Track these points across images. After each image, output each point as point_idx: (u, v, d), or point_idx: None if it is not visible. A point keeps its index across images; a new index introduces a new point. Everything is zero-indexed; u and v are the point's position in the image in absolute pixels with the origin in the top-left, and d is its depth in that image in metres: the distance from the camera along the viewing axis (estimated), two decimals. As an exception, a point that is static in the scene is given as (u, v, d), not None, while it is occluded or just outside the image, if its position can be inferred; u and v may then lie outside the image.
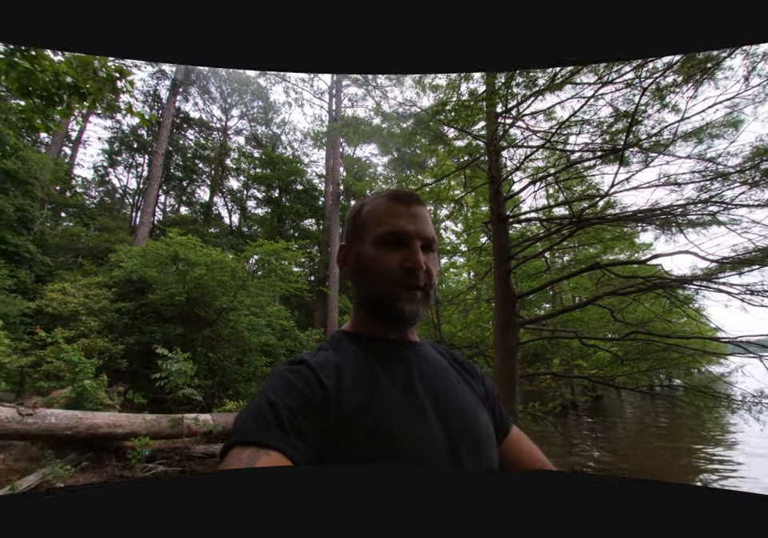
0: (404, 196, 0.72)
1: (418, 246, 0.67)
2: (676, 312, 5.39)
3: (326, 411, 0.56)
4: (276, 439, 0.51)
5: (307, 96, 29.51)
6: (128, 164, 21.99)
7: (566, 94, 4.77)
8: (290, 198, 20.83)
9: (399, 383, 0.64)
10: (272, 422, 0.53)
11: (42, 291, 9.16)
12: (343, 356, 0.66)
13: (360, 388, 0.61)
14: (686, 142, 4.63)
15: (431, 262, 0.69)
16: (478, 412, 0.71)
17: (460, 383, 0.74)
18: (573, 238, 6.74)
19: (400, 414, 0.60)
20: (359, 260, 0.71)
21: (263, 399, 0.56)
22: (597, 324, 6.87)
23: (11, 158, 10.69)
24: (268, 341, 10.59)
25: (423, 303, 0.68)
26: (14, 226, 10.54)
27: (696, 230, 4.82)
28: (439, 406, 0.65)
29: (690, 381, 5.64)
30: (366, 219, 0.72)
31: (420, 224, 0.69)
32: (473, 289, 8.18)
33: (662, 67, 3.83)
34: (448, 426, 0.63)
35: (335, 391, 0.59)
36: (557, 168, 5.17)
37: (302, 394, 0.57)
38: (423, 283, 0.67)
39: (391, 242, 0.67)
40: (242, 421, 0.55)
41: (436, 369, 0.72)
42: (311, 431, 0.54)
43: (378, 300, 0.68)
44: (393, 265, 0.66)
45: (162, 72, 21.33)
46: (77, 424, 4.57)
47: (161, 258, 9.65)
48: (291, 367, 0.63)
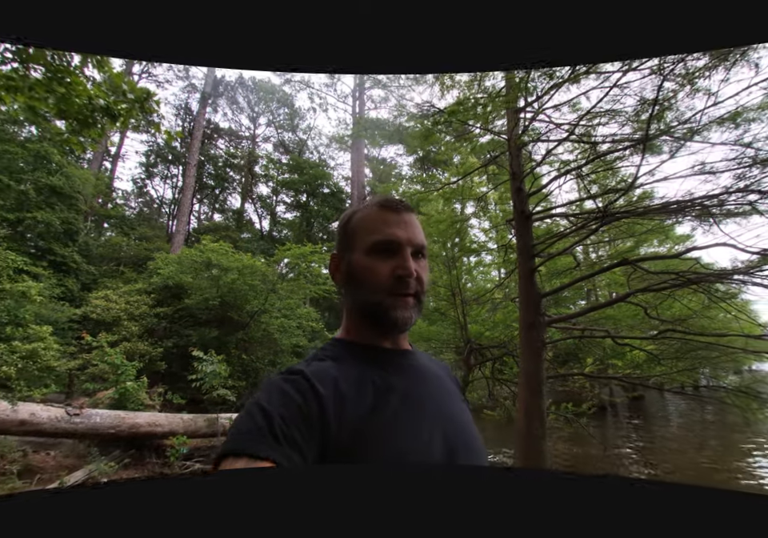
0: (394, 204, 0.72)
1: (408, 253, 0.68)
2: (718, 308, 5.11)
3: (323, 422, 0.56)
4: (269, 450, 0.51)
5: (331, 101, 29.95)
6: (163, 175, 23.01)
7: (591, 83, 4.63)
8: (318, 201, 21.17)
9: (397, 392, 0.64)
10: (266, 432, 0.52)
11: (87, 298, 9.74)
12: (340, 366, 0.66)
13: (359, 399, 0.61)
14: (721, 128, 4.39)
15: (422, 269, 0.70)
16: (468, 419, 0.72)
17: (450, 391, 0.75)
18: (604, 233, 6.51)
19: (399, 423, 0.60)
20: (351, 269, 0.71)
21: (257, 409, 0.56)
22: (632, 322, 6.60)
23: (56, 174, 11.43)
24: (299, 342, 10.83)
25: (415, 309, 0.69)
26: (60, 238, 11.27)
27: (735, 220, 4.56)
28: (435, 415, 0.66)
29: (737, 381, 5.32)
30: (356, 228, 0.72)
31: (410, 231, 0.69)
32: (500, 287, 8.03)
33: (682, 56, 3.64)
34: (445, 434, 0.64)
35: (333, 401, 0.58)
36: (582, 161, 5.01)
37: (298, 405, 0.56)
38: (414, 290, 0.67)
39: (382, 250, 0.68)
40: (236, 431, 0.55)
41: (429, 378, 0.73)
42: (306, 443, 0.54)
43: (371, 308, 0.68)
44: (384, 273, 0.67)
45: (192, 86, 22.23)
46: (119, 423, 4.84)
47: (195, 265, 10.05)
48: (287, 376, 0.62)
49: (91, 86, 3.48)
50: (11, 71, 3.27)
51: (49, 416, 4.31)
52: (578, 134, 4.75)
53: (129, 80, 3.86)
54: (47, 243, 10.87)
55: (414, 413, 0.63)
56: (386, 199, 0.73)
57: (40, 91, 3.40)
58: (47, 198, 11.20)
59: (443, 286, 7.89)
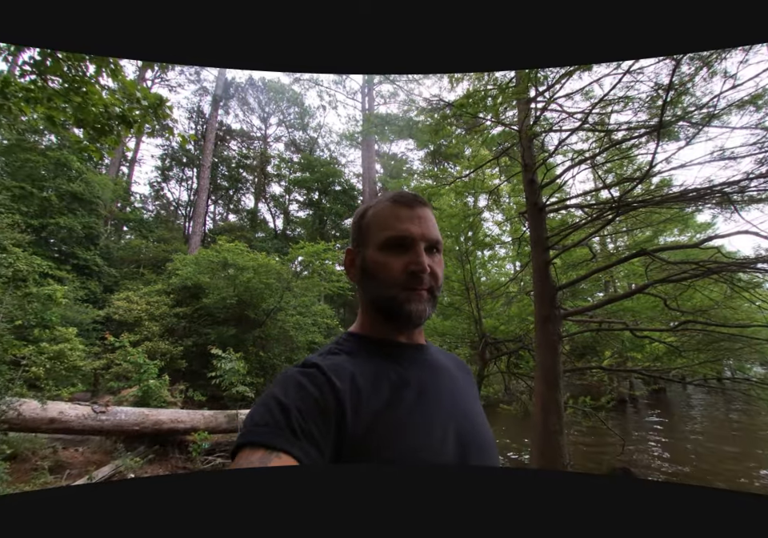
0: (407, 199, 0.71)
1: (422, 248, 0.67)
2: (741, 298, 4.95)
3: (340, 417, 0.56)
4: (287, 443, 0.50)
5: (340, 98, 29.89)
6: (179, 178, 23.42)
7: (603, 70, 4.52)
8: (330, 199, 21.25)
9: (413, 387, 0.64)
10: (283, 425, 0.52)
11: (110, 300, 10.02)
12: (356, 360, 0.65)
13: (375, 393, 0.60)
14: (741, 111, 4.25)
15: (436, 264, 0.69)
16: (481, 414, 0.72)
17: (464, 386, 0.75)
18: (621, 224, 6.38)
19: (414, 419, 0.60)
20: (365, 264, 0.71)
21: (274, 401, 0.55)
22: (651, 313, 6.46)
23: (76, 181, 11.76)
24: (314, 339, 10.93)
25: (430, 303, 0.68)
26: (82, 242, 11.61)
27: (758, 207, 4.41)
28: (449, 410, 0.65)
29: (763, 373, 5.17)
30: (370, 223, 0.72)
31: (424, 226, 0.69)
32: (514, 281, 7.96)
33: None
34: (458, 431, 0.63)
35: (350, 396, 0.58)
36: (597, 150, 4.91)
37: (315, 398, 0.56)
38: (428, 285, 0.67)
39: (396, 245, 0.67)
40: (252, 423, 0.54)
41: (443, 373, 0.72)
42: (322, 437, 0.53)
43: (385, 302, 0.68)
44: (398, 269, 0.66)
45: (204, 89, 22.50)
46: (143, 420, 4.99)
47: (212, 265, 10.24)
48: (303, 370, 0.62)
49: (106, 94, 3.56)
50: (30, 83, 3.37)
51: (76, 414, 4.48)
52: (591, 123, 4.66)
53: (142, 87, 3.95)
54: (70, 248, 11.21)
55: (429, 408, 0.63)
56: (399, 194, 0.73)
57: (58, 101, 3.50)
58: (69, 204, 11.54)
59: (457, 280, 7.85)
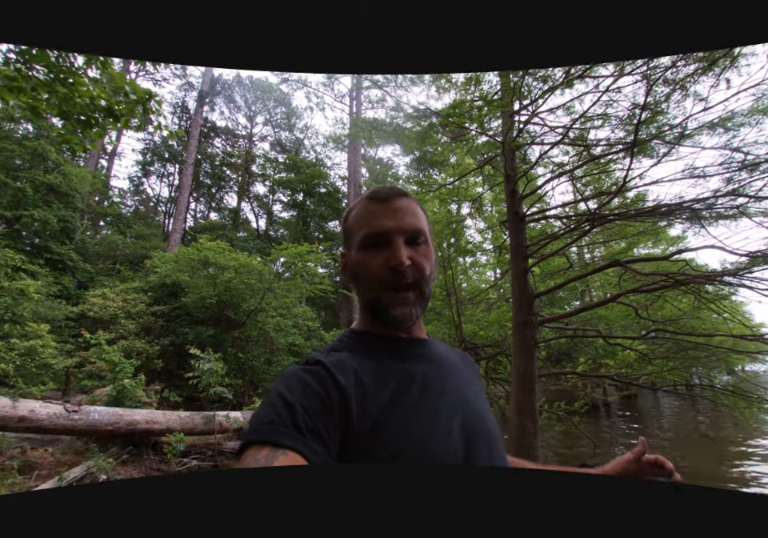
0: (382, 194, 0.70)
1: (399, 242, 0.65)
2: (710, 309, 5.20)
3: (345, 413, 0.56)
4: (292, 440, 0.50)
5: (328, 100, 29.90)
6: (160, 174, 23.01)
7: (584, 87, 4.72)
8: (314, 201, 21.23)
9: (416, 382, 0.64)
10: (289, 423, 0.52)
11: (84, 296, 9.76)
12: (358, 357, 0.65)
13: (379, 389, 0.60)
14: (711, 132, 4.49)
15: (420, 256, 0.67)
16: (486, 408, 0.72)
17: (467, 379, 0.75)
18: (597, 235, 6.61)
19: (419, 413, 0.60)
20: (351, 266, 0.71)
21: (279, 399, 0.55)
22: (624, 322, 6.71)
23: (53, 172, 11.43)
24: (295, 341, 10.88)
25: (417, 302, 0.67)
26: (57, 236, 11.28)
27: (724, 223, 4.66)
28: (454, 403, 0.65)
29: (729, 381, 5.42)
30: (351, 224, 0.72)
31: (401, 218, 0.67)
32: (494, 287, 8.13)
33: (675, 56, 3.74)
34: (464, 424, 0.63)
35: (354, 392, 0.58)
36: (576, 164, 5.11)
37: (319, 395, 0.56)
38: (412, 280, 0.65)
39: (373, 243, 0.66)
40: (258, 421, 0.54)
41: (446, 366, 0.72)
42: (328, 434, 0.53)
43: (371, 305, 0.68)
44: (377, 267, 0.65)
45: (190, 84, 22.20)
46: (117, 420, 4.89)
47: (192, 263, 10.09)
48: (307, 367, 0.62)
49: (93, 86, 3.52)
50: (14, 71, 3.31)
51: (48, 413, 4.35)
52: (571, 138, 4.85)
53: (131, 80, 3.91)
54: (44, 241, 10.88)
55: (434, 403, 0.63)
56: (374, 190, 0.72)
57: (42, 91, 3.45)
58: (44, 196, 11.22)
59: (439, 286, 7.97)
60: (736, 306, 6.29)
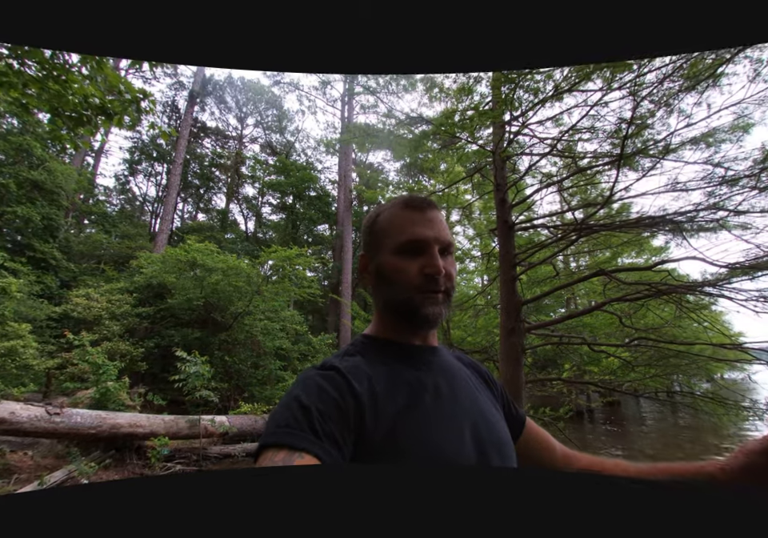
0: (419, 202, 0.72)
1: (436, 251, 0.68)
2: (689, 319, 5.35)
3: (359, 419, 0.56)
4: (309, 443, 0.51)
5: (320, 104, 30.03)
6: (148, 173, 22.71)
7: (573, 100, 4.86)
8: (304, 204, 21.18)
9: (430, 389, 0.65)
10: (305, 426, 0.52)
11: (68, 296, 9.56)
12: (372, 363, 0.66)
13: (393, 396, 0.61)
14: (694, 148, 4.66)
15: (450, 266, 0.70)
16: (497, 416, 0.72)
17: (478, 388, 0.75)
18: (583, 244, 6.76)
19: (432, 421, 0.61)
20: (380, 269, 0.71)
21: (295, 403, 0.56)
22: (608, 330, 6.85)
23: (38, 169, 11.21)
24: (282, 345, 10.80)
25: (445, 304, 0.69)
26: (40, 234, 11.03)
27: (706, 235, 4.82)
28: (466, 412, 0.66)
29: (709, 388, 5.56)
30: (382, 228, 0.73)
31: (437, 229, 0.70)
32: (482, 294, 8.22)
33: (661, 74, 3.88)
34: (476, 432, 0.64)
35: (368, 399, 0.59)
36: (564, 175, 5.23)
37: (335, 400, 0.57)
38: (444, 287, 0.68)
39: (410, 249, 0.68)
40: (274, 424, 0.55)
41: (457, 375, 0.73)
42: (343, 439, 0.54)
43: (402, 306, 0.69)
44: (413, 272, 0.67)
45: (180, 83, 22.03)
46: (100, 424, 4.80)
47: (179, 265, 9.96)
48: (322, 372, 0.62)
49: (88, 84, 3.49)
50: (5, 66, 3.27)
51: (29, 415, 4.25)
52: (560, 149, 4.97)
53: (125, 80, 3.89)
54: (26, 239, 10.64)
55: (446, 410, 0.64)
56: (410, 198, 0.74)
57: (34, 87, 3.41)
58: (28, 193, 10.97)
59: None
60: (716, 315, 6.48)
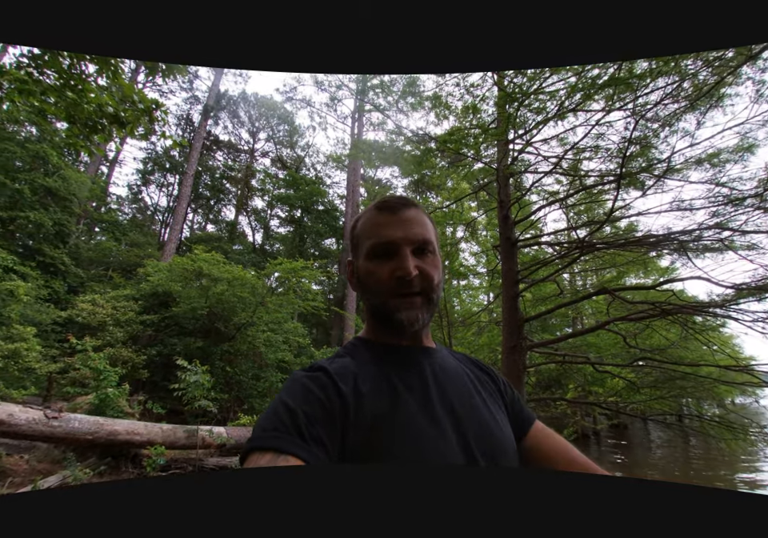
0: (390, 204, 0.71)
1: (406, 252, 0.65)
2: (696, 340, 5.25)
3: (344, 420, 0.56)
4: (294, 446, 0.51)
5: (331, 120, 30.63)
6: (160, 183, 23.13)
7: (576, 120, 4.92)
8: (312, 218, 21.39)
9: (416, 392, 0.63)
10: (291, 429, 0.53)
11: (74, 301, 9.65)
12: (360, 363, 0.66)
13: (378, 397, 0.60)
14: (699, 167, 4.67)
15: (429, 265, 0.67)
16: (496, 420, 0.69)
17: (477, 390, 0.72)
18: (587, 263, 6.74)
19: (417, 425, 0.59)
20: (359, 274, 0.71)
21: (281, 406, 0.56)
22: (613, 350, 6.75)
23: (53, 176, 11.48)
24: (284, 357, 10.74)
25: (425, 307, 0.67)
26: (51, 239, 11.22)
27: (711, 255, 4.78)
28: (456, 415, 0.64)
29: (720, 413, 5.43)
30: (359, 233, 0.73)
31: (409, 229, 0.67)
32: (486, 311, 8.18)
33: (663, 94, 3.93)
34: (464, 436, 0.62)
35: (353, 399, 0.59)
36: (567, 193, 5.26)
37: (320, 401, 0.57)
38: (419, 289, 0.65)
39: (381, 253, 0.67)
40: (260, 428, 0.55)
41: (452, 376, 0.71)
42: (329, 440, 0.54)
43: (378, 310, 0.68)
44: (384, 276, 0.65)
45: (195, 97, 22.65)
46: (98, 430, 4.77)
47: (186, 274, 10.04)
48: (309, 373, 0.62)
49: (103, 94, 3.62)
50: (26, 75, 3.40)
51: (27, 418, 4.25)
52: (563, 167, 5.01)
53: (139, 90, 4.02)
54: (37, 244, 10.82)
55: (434, 413, 0.62)
56: (383, 200, 0.72)
57: (52, 96, 3.54)
58: (42, 199, 11.22)
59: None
60: (725, 338, 6.37)
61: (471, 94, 4.96)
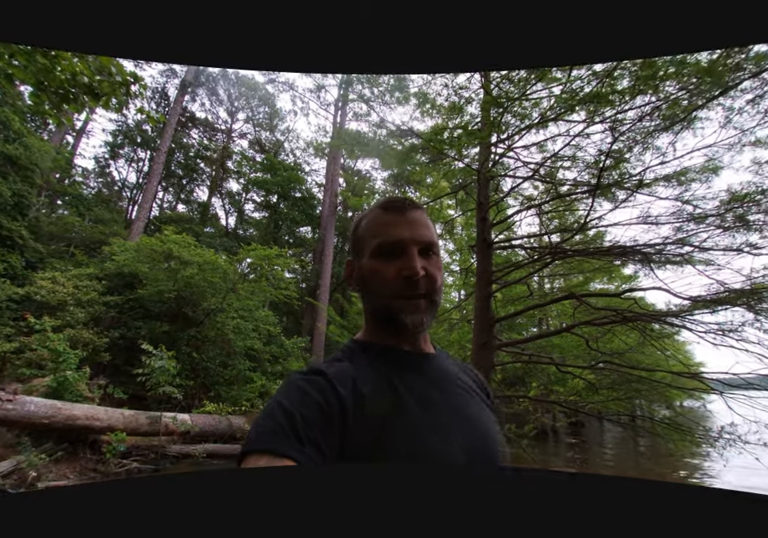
0: (397, 204, 0.71)
1: (414, 252, 0.66)
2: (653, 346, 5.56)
3: (342, 423, 0.56)
4: (291, 449, 0.50)
5: (313, 106, 30.04)
6: (129, 158, 22.10)
7: (557, 129, 5.06)
8: (288, 204, 21.01)
9: (416, 396, 0.63)
10: (288, 432, 0.52)
11: (32, 277, 9.16)
12: (359, 368, 0.65)
13: (377, 401, 0.60)
14: (667, 184, 4.92)
15: (433, 267, 0.68)
16: (489, 426, 0.70)
17: (473, 397, 0.73)
18: (557, 267, 6.98)
19: (418, 429, 0.59)
20: (362, 274, 0.71)
21: (279, 408, 0.55)
22: (576, 352, 7.06)
23: (14, 143, 10.77)
24: (253, 345, 10.62)
25: (428, 311, 0.67)
26: (9, 211, 10.56)
27: (672, 268, 5.06)
28: (455, 420, 0.64)
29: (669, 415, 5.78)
30: (363, 233, 0.72)
31: (416, 229, 0.68)
32: (457, 308, 8.35)
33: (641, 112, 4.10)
34: (463, 441, 0.62)
35: (353, 402, 0.58)
36: (543, 199, 5.42)
37: (318, 404, 0.56)
38: (424, 290, 0.66)
39: (387, 252, 0.67)
40: (257, 430, 0.54)
41: (451, 382, 0.71)
42: (326, 444, 0.53)
43: (382, 312, 0.68)
44: (391, 275, 0.65)
45: (172, 70, 21.67)
46: (55, 414, 4.61)
47: (154, 255, 9.71)
48: (307, 377, 0.62)
49: (78, 61, 3.42)
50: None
51: (-22, 400, 4.06)
52: (541, 174, 5.15)
53: (116, 62, 3.82)
54: (-7, 215, 10.17)
55: (433, 418, 0.62)
56: (388, 200, 0.73)
57: (20, 59, 3.31)
58: (0, 167, 10.52)
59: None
60: (679, 345, 6.76)
61: (459, 95, 5.00)
